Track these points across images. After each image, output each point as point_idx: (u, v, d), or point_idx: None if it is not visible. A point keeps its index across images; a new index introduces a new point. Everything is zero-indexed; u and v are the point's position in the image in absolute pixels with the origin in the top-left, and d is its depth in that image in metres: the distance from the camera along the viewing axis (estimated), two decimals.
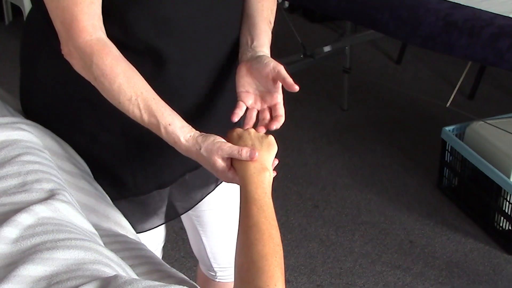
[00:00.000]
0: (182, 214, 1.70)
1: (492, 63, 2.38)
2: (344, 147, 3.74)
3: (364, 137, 3.85)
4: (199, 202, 1.70)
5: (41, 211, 1.08)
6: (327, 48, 3.99)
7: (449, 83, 4.34)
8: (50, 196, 1.14)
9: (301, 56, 3.91)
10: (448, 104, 3.16)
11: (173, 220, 1.70)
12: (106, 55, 1.27)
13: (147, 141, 1.43)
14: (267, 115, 1.43)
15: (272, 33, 1.52)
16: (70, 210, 1.14)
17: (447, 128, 3.23)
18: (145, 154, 1.51)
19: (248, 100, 1.42)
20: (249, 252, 1.15)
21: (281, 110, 1.42)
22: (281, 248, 1.19)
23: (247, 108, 1.43)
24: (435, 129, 3.42)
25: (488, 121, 3.12)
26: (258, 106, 1.43)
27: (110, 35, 1.32)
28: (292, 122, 3.84)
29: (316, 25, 5.22)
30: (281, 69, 1.37)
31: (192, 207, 1.70)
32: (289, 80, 1.35)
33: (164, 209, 1.63)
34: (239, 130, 1.37)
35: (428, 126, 3.88)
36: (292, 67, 3.84)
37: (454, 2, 2.47)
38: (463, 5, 2.44)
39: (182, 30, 1.38)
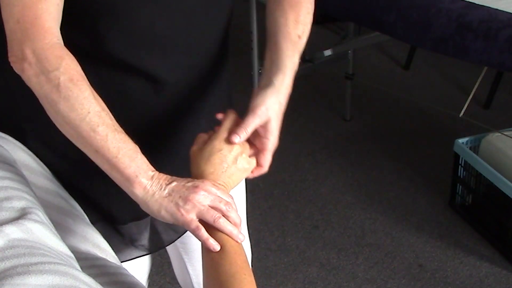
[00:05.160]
0: (164, 247, 1.71)
1: (510, 69, 2.38)
2: (347, 162, 3.74)
3: (368, 150, 3.85)
4: (183, 234, 1.70)
5: (12, 232, 1.07)
6: (327, 52, 4.00)
7: (462, 90, 4.35)
8: (22, 215, 1.13)
9: (299, 60, 3.90)
10: (461, 114, 3.16)
11: (155, 252, 1.70)
12: (77, 63, 1.24)
13: None
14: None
15: None
16: (43, 231, 1.14)
17: (460, 140, 3.23)
18: None
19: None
20: (216, 272, 1.16)
21: (264, 160, 1.40)
22: (249, 265, 1.21)
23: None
24: (447, 142, 3.43)
25: (505, 133, 3.12)
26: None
27: (79, 46, 1.29)
28: (289, 134, 3.84)
29: (316, 26, 5.20)
30: (248, 118, 1.36)
31: (174, 240, 1.70)
32: (240, 128, 1.34)
33: (143, 242, 1.63)
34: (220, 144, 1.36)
35: (440, 138, 3.89)
36: None
37: (469, 2, 2.48)
38: (478, 4, 2.45)
39: (160, 43, 1.37)
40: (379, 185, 3.55)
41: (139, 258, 1.65)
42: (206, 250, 1.22)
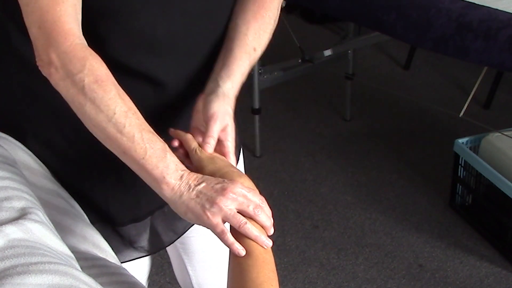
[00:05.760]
0: (163, 248, 1.70)
1: (510, 69, 2.38)
2: (347, 162, 3.74)
3: (368, 150, 3.85)
4: (182, 235, 1.69)
5: (12, 232, 1.07)
6: (327, 52, 3.99)
7: (462, 90, 4.35)
8: (22, 215, 1.13)
9: (299, 61, 3.91)
10: (461, 114, 3.16)
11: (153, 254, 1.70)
12: (101, 62, 1.24)
13: (120, 164, 1.41)
14: None
15: None
16: (43, 231, 1.13)
17: (460, 140, 3.23)
18: (119, 178, 1.48)
19: (198, 138, 1.39)
20: (242, 280, 1.14)
21: (232, 162, 1.39)
22: (276, 275, 1.19)
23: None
24: (447, 142, 3.43)
25: (505, 133, 3.12)
26: None
27: None
28: (289, 134, 3.84)
29: (316, 26, 5.24)
30: (211, 125, 1.36)
31: (173, 241, 1.69)
32: (207, 137, 1.35)
33: (142, 243, 1.62)
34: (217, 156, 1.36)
35: (440, 138, 3.89)
36: (290, 73, 3.85)
37: (469, 2, 2.47)
38: (478, 4, 2.45)
39: (160, 45, 1.37)
40: (379, 185, 3.54)
41: (139, 259, 1.65)
42: (233, 255, 1.20)
